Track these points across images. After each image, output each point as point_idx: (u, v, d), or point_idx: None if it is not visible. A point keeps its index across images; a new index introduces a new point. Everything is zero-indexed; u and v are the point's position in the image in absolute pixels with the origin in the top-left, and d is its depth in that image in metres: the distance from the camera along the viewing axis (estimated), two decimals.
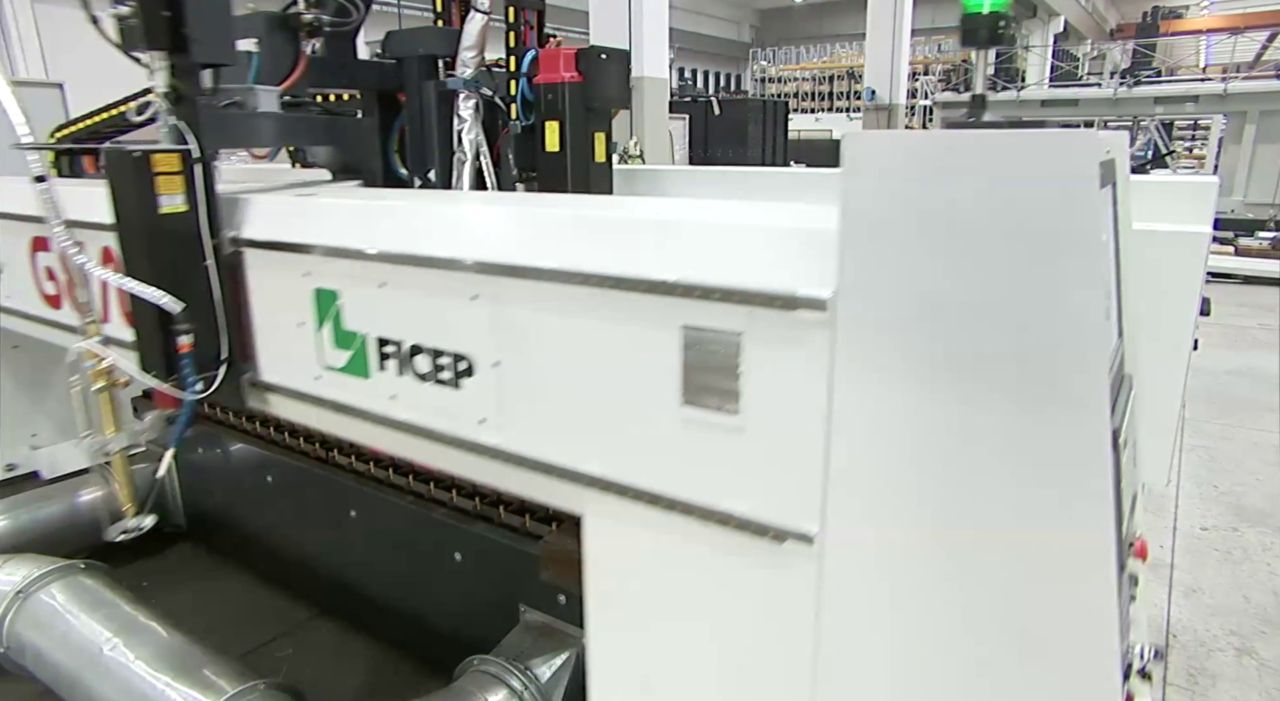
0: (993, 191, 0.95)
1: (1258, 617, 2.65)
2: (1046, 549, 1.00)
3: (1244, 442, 4.15)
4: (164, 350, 1.70)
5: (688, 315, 1.20)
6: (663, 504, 1.27)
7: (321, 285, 1.66)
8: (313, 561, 2.68)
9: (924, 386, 1.02)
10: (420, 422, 1.60)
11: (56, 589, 2.19)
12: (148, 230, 1.64)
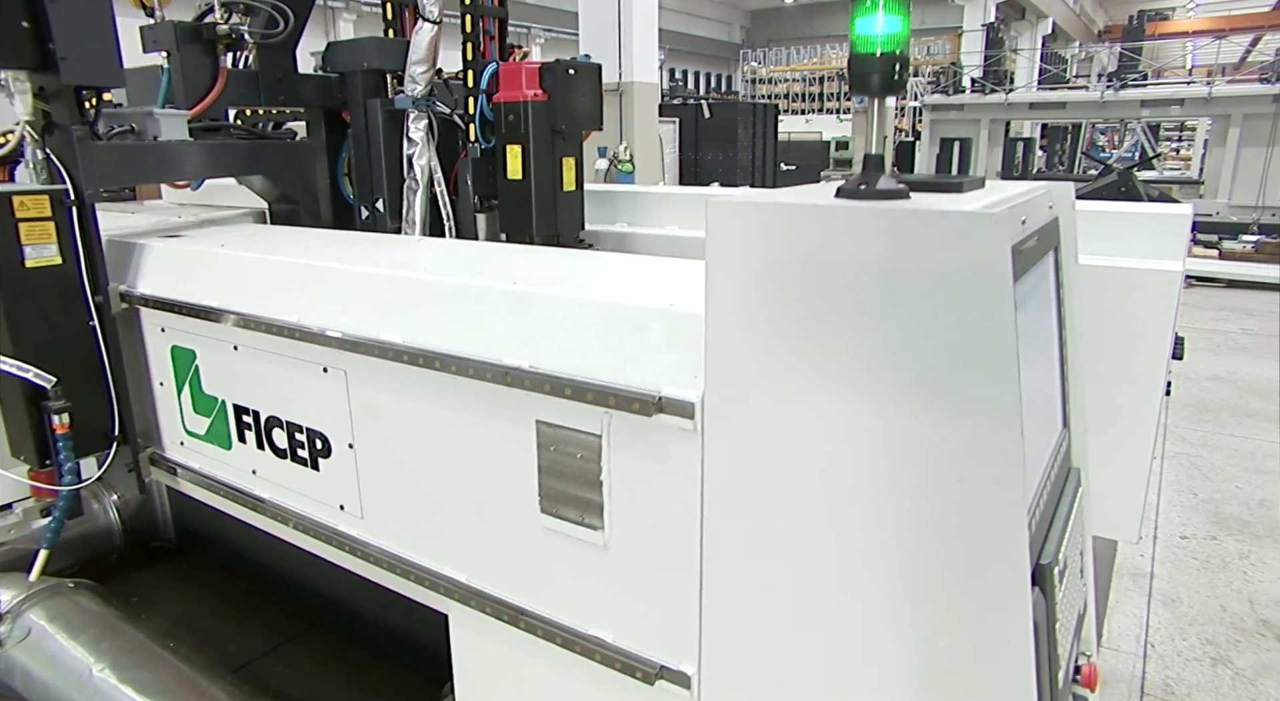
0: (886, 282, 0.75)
1: (1234, 627, 2.70)
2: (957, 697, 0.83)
3: (1225, 449, 4.21)
4: (36, 432, 1.44)
5: (540, 409, 1.01)
6: (525, 622, 1.11)
7: (178, 342, 1.47)
8: (301, 579, 2.69)
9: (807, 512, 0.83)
10: (282, 502, 1.45)
11: (46, 608, 2.19)
12: (10, 287, 1.34)
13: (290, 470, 1.41)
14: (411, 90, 1.86)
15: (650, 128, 9.58)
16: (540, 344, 0.99)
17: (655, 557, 0.97)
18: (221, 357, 1.43)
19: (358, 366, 1.22)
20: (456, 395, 1.10)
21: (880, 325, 0.76)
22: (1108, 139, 28.34)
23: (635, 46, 8.74)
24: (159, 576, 3.01)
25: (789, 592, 0.86)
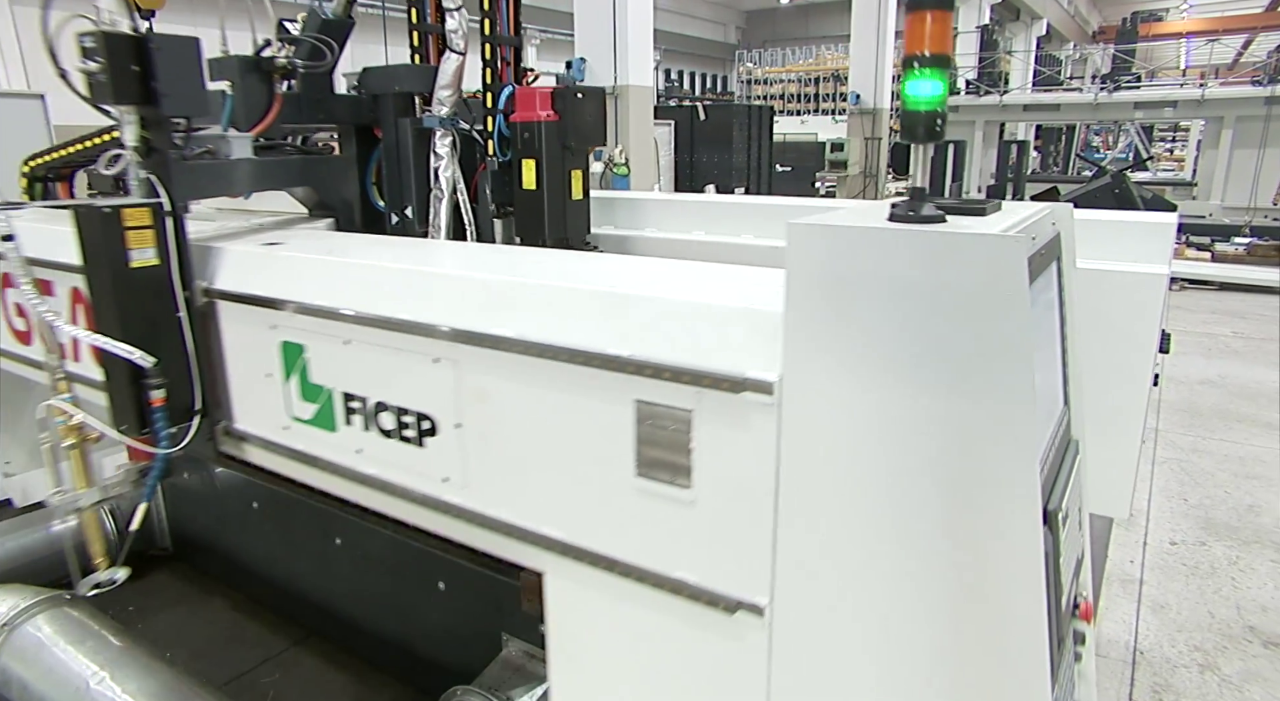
0: (930, 288, 0.98)
1: (1221, 633, 2.73)
2: (982, 621, 1.02)
3: (1215, 454, 4.24)
4: (136, 404, 1.69)
5: (640, 389, 1.20)
6: (618, 569, 1.28)
7: (289, 338, 1.65)
8: (297, 588, 2.71)
9: (865, 470, 1.03)
10: (386, 477, 1.60)
11: (43, 620, 2.20)
12: (119, 284, 1.61)
13: (396, 448, 1.55)
14: (438, 111, 2.11)
15: (645, 130, 9.59)
16: (638, 336, 1.19)
17: (735, 509, 1.16)
18: (332, 350, 1.58)
19: (468, 356, 1.38)
20: (560, 379, 1.27)
21: (923, 322, 0.98)
22: (1102, 140, 28.45)
23: (630, 50, 8.75)
24: (155, 585, 3.03)
25: (848, 534, 1.08)
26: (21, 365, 2.29)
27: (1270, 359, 6.02)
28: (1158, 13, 34.67)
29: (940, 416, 0.98)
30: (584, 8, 8.91)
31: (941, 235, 0.97)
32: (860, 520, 1.06)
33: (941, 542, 1.01)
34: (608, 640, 1.36)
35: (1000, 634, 1.00)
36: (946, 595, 1.03)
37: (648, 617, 1.26)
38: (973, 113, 15.35)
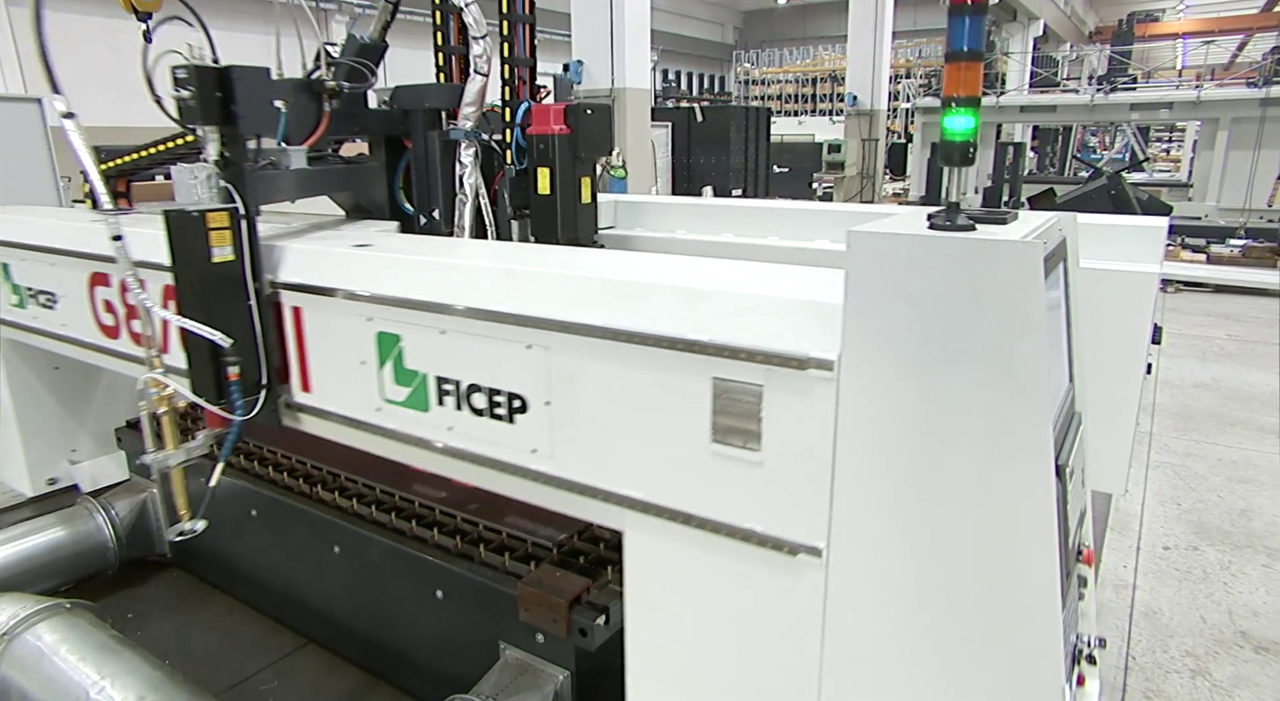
0: (963, 283, 1.18)
1: (1213, 638, 2.75)
2: (1001, 557, 1.22)
3: (1209, 458, 4.27)
4: (215, 378, 1.93)
5: (716, 368, 1.40)
6: (694, 522, 1.48)
7: (384, 329, 1.84)
8: (296, 595, 2.73)
9: (908, 433, 1.25)
10: (475, 451, 1.77)
11: (43, 629, 2.22)
12: (202, 277, 1.87)
13: (487, 424, 1.72)
14: (463, 124, 2.35)
15: (643, 133, 9.61)
16: (715, 324, 1.38)
17: (798, 467, 1.35)
18: (429, 340, 1.76)
19: (560, 343, 1.56)
20: (644, 360, 1.46)
21: (957, 310, 1.19)
22: (1099, 140, 28.50)
23: (627, 52, 8.76)
24: (154, 592, 3.04)
25: (894, 485, 1.27)
26: (108, 357, 2.52)
27: (1264, 362, 6.06)
28: (1154, 13, 34.72)
29: (972, 385, 1.19)
30: (581, 10, 8.92)
31: (972, 241, 1.18)
32: (904, 474, 1.26)
33: (972, 491, 1.22)
34: (682, 584, 1.55)
35: (1021, 566, 1.21)
36: (976, 535, 1.23)
37: (720, 562, 1.46)
38: None
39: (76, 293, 2.49)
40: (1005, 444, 1.18)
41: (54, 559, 2.84)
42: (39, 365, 3.15)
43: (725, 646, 1.53)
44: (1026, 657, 1.24)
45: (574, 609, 1.94)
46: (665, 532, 1.52)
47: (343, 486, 2.60)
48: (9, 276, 2.81)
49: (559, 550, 2.19)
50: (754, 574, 1.43)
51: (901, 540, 1.28)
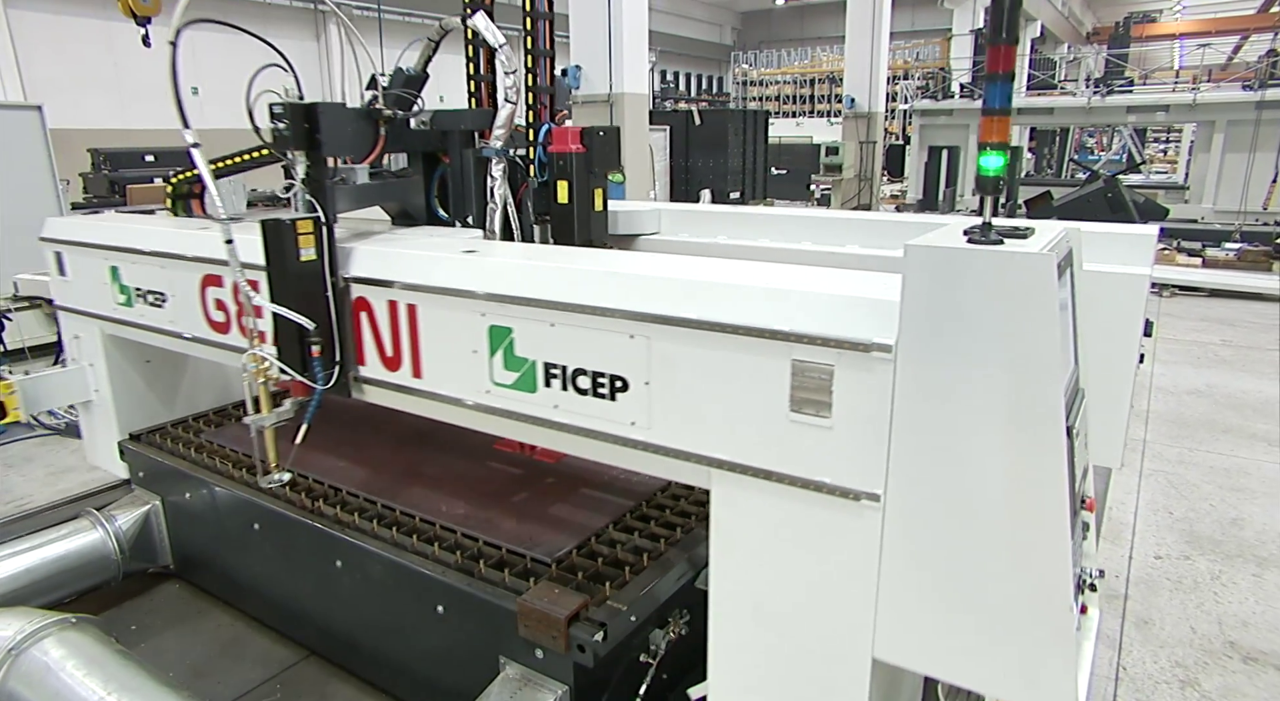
0: (994, 286, 1.46)
1: (1203, 649, 2.79)
2: (1023, 500, 1.50)
3: (1201, 467, 4.31)
4: (300, 355, 2.32)
5: (795, 350, 1.67)
6: (774, 477, 1.75)
7: (497, 323, 2.11)
8: (298, 607, 2.76)
9: (950, 401, 1.52)
10: (579, 424, 2.03)
11: (49, 644, 2.25)
12: (291, 272, 2.26)
13: (590, 402, 1.98)
14: (494, 144, 2.73)
15: (641, 138, 9.63)
16: (795, 316, 1.67)
17: (861, 429, 1.63)
18: (538, 331, 2.03)
19: (659, 333, 1.84)
20: (733, 346, 1.74)
21: (989, 305, 1.46)
22: (1096, 140, 28.55)
23: (626, 58, 8.78)
24: (157, 603, 3.08)
25: (938, 442, 1.55)
26: (213, 350, 2.83)
27: (1259, 368, 6.10)
28: (1151, 14, 34.74)
29: (1001, 364, 1.47)
30: (579, 16, 8.94)
31: (1002, 253, 1.46)
32: (947, 434, 1.54)
33: (1001, 448, 1.50)
34: (761, 528, 1.82)
35: (1039, 506, 1.49)
36: (1004, 482, 1.51)
37: (794, 508, 1.74)
38: (967, 116, 15.41)
39: (187, 292, 2.82)
40: (1027, 410, 1.47)
41: (58, 571, 2.87)
42: (134, 358, 3.45)
43: (796, 578, 1.80)
44: (1044, 580, 1.50)
45: (572, 625, 1.98)
46: (748, 486, 1.79)
47: (344, 501, 2.64)
48: (117, 278, 3.09)
49: (557, 565, 2.23)
50: (823, 516, 1.71)
51: (944, 487, 1.56)
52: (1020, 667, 1.55)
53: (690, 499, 2.61)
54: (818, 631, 1.77)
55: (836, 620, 1.74)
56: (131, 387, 3.45)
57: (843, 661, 1.75)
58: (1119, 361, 2.13)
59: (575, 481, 2.71)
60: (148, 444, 3.21)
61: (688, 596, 2.27)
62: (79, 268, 3.26)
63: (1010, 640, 1.55)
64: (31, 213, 6.63)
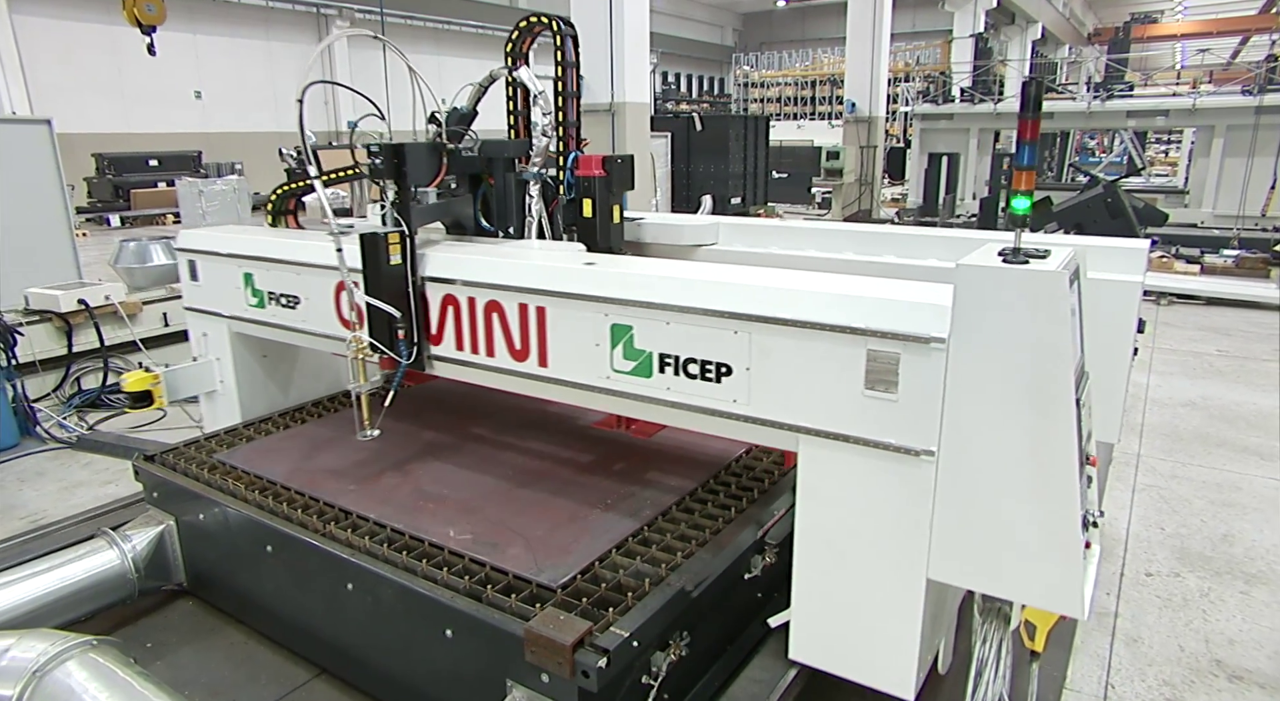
0: (1022, 295, 1.90)
1: (1189, 667, 2.86)
2: (1043, 455, 1.93)
3: (1193, 481, 4.38)
4: (389, 336, 2.90)
5: (870, 342, 2.09)
6: (850, 440, 2.17)
7: (618, 322, 2.52)
8: (309, 628, 2.84)
9: (987, 379, 1.95)
10: (687, 402, 2.44)
11: (73, 666, 2.33)
12: (383, 274, 2.86)
13: (698, 385, 2.40)
14: (531, 169, 3.34)
15: (642, 145, 9.70)
16: (870, 316, 2.09)
17: (921, 401, 2.04)
18: (654, 328, 2.45)
19: (759, 329, 2.26)
20: (820, 339, 2.17)
21: (1016, 307, 1.90)
22: (1097, 141, 28.57)
23: (627, 68, 8.86)
24: (171, 621, 3.15)
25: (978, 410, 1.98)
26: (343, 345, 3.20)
27: (1253, 379, 6.16)
28: (1153, 14, 34.71)
29: (1026, 351, 1.90)
30: (581, 26, 8.98)
31: (1027, 271, 1.90)
32: (985, 403, 1.97)
33: (1026, 413, 1.93)
34: (839, 481, 2.23)
35: (1055, 460, 1.92)
36: (1028, 439, 1.94)
37: (866, 463, 2.16)
38: (967, 121, 15.46)
39: (322, 295, 3.31)
40: (1046, 387, 1.90)
41: (77, 591, 2.94)
42: (254, 352, 3.95)
43: (866, 518, 2.20)
44: (1058, 515, 1.94)
45: (577, 651, 2.06)
46: (829, 447, 2.22)
47: (355, 524, 2.72)
48: (250, 282, 3.56)
49: (562, 591, 2.31)
50: (889, 468, 2.13)
51: (983, 445, 1.99)
52: (1041, 581, 2.00)
53: (690, 523, 2.69)
54: (883, 559, 2.20)
55: (898, 549, 2.16)
56: (252, 378, 3.97)
57: (903, 582, 2.17)
58: (1117, 354, 2.62)
59: (579, 505, 2.79)
60: (161, 465, 3.29)
61: (688, 619, 2.35)
62: (211, 274, 3.73)
63: (1034, 561, 1.99)
64: (39, 227, 6.73)
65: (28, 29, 17.35)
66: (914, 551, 2.13)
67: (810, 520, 2.32)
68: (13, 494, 4.37)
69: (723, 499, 2.87)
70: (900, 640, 2.22)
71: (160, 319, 6.33)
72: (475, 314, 2.83)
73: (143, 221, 16.50)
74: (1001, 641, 2.35)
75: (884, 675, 2.27)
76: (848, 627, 2.31)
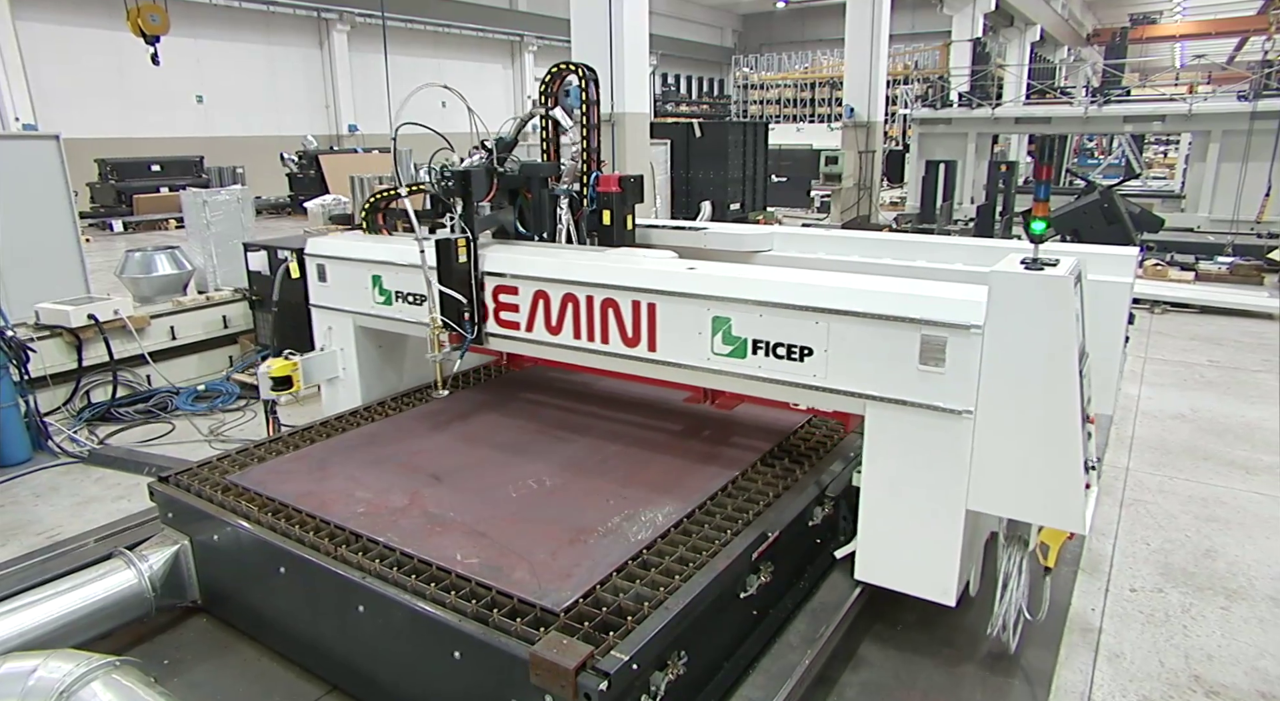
0: (1038, 294, 2.49)
1: (1169, 683, 2.97)
2: (1055, 413, 2.52)
3: (1179, 495, 4.48)
4: (458, 317, 3.66)
5: (923, 330, 2.68)
6: (907, 405, 2.76)
7: (719, 315, 3.09)
8: (321, 646, 2.94)
9: (1013, 355, 2.54)
10: (775, 377, 3.02)
11: (98, 686, 2.43)
12: (453, 270, 3.60)
13: (784, 364, 2.99)
14: (562, 187, 4.24)
15: (642, 154, 9.80)
16: (925, 309, 2.68)
17: (962, 372, 2.63)
18: (750, 319, 3.03)
19: (835, 320, 2.85)
20: (885, 326, 2.75)
21: (1033, 303, 2.51)
22: (1096, 143, 28.63)
23: (627, 78, 8.95)
24: (186, 638, 3.26)
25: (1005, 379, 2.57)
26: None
27: (1243, 390, 6.26)
28: (1152, 14, 34.70)
29: (1041, 334, 2.49)
30: (580, 37, 9.12)
31: (1042, 276, 2.51)
32: (1011, 373, 2.56)
33: (1040, 382, 2.52)
34: (899, 437, 2.81)
35: (1063, 417, 2.53)
36: (1043, 401, 2.53)
37: (920, 421, 2.74)
38: (965, 125, 15.56)
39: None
40: (1056, 362, 2.49)
41: (97, 610, 3.04)
42: (372, 343, 4.55)
43: (920, 464, 2.78)
44: (1066, 458, 2.54)
45: (580, 674, 2.16)
46: (891, 410, 2.80)
47: (365, 547, 2.82)
48: (379, 283, 4.15)
49: (565, 615, 2.41)
50: (938, 425, 2.71)
51: (1010, 405, 2.58)
52: (1053, 506, 2.61)
53: (689, 545, 2.80)
54: (932, 495, 2.78)
55: (944, 487, 2.74)
56: (371, 365, 4.57)
57: (947, 512, 2.76)
58: (1110, 341, 3.19)
59: (579, 529, 2.90)
60: (176, 486, 3.39)
61: (686, 639, 2.46)
62: (339, 276, 4.34)
63: (1047, 492, 2.59)
64: (48, 240, 6.84)
65: (31, 34, 17.43)
66: (956, 488, 2.71)
67: (875, 467, 2.90)
68: (28, 509, 4.48)
69: (719, 520, 2.98)
70: (944, 559, 2.80)
71: (168, 332, 6.44)
72: (592, 309, 3.42)
73: (145, 226, 16.60)
74: (1021, 560, 2.94)
75: (931, 587, 2.85)
76: (903, 551, 2.89)
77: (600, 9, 8.75)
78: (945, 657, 3.07)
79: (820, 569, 3.28)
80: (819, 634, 2.87)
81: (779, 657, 2.77)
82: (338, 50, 23.82)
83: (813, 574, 3.27)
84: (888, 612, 3.26)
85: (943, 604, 2.83)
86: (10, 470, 4.92)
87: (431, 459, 3.55)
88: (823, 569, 3.27)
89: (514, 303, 3.62)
